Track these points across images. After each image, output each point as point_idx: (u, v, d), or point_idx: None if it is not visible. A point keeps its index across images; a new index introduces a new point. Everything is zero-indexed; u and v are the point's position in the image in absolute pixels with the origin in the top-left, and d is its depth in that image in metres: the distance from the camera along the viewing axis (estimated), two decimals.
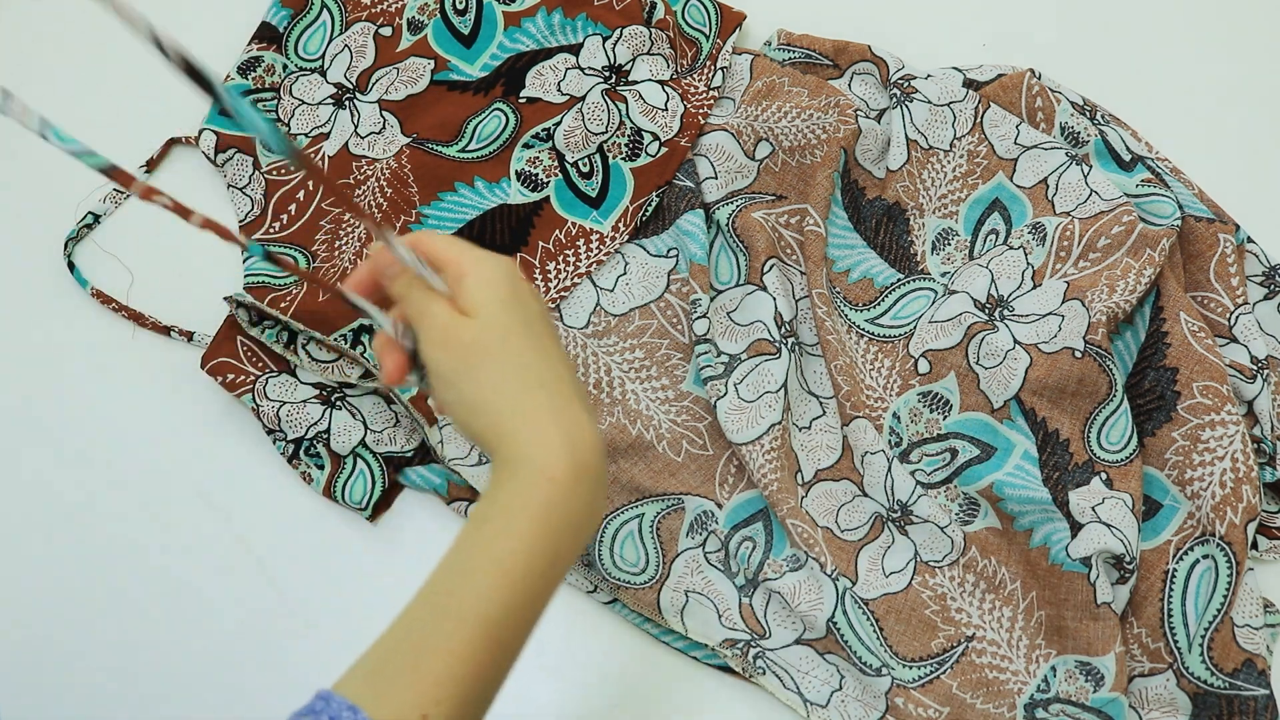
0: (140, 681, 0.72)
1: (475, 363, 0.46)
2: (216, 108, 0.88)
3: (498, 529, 0.45)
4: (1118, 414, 0.77)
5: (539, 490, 0.45)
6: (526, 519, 0.44)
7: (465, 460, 0.77)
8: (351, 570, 0.76)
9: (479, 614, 0.44)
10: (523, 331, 0.47)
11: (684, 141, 0.86)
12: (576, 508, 0.45)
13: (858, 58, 0.90)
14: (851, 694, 0.73)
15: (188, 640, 0.73)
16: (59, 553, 0.75)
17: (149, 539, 0.76)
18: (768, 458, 0.76)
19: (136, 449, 0.79)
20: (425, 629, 0.45)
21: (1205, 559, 0.74)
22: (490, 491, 0.46)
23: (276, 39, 0.91)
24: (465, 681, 0.43)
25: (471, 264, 0.47)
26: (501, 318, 0.46)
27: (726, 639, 0.74)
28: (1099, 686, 0.72)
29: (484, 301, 0.46)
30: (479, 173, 0.85)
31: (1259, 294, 0.84)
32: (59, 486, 0.77)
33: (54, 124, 0.43)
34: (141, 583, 0.75)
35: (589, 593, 0.76)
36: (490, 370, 0.46)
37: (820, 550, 0.75)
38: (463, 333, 0.46)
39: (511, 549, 0.44)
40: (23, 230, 0.85)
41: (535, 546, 0.44)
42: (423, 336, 0.47)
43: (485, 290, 0.47)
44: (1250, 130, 0.93)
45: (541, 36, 0.90)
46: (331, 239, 0.83)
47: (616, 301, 0.83)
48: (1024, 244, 0.83)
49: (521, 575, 0.44)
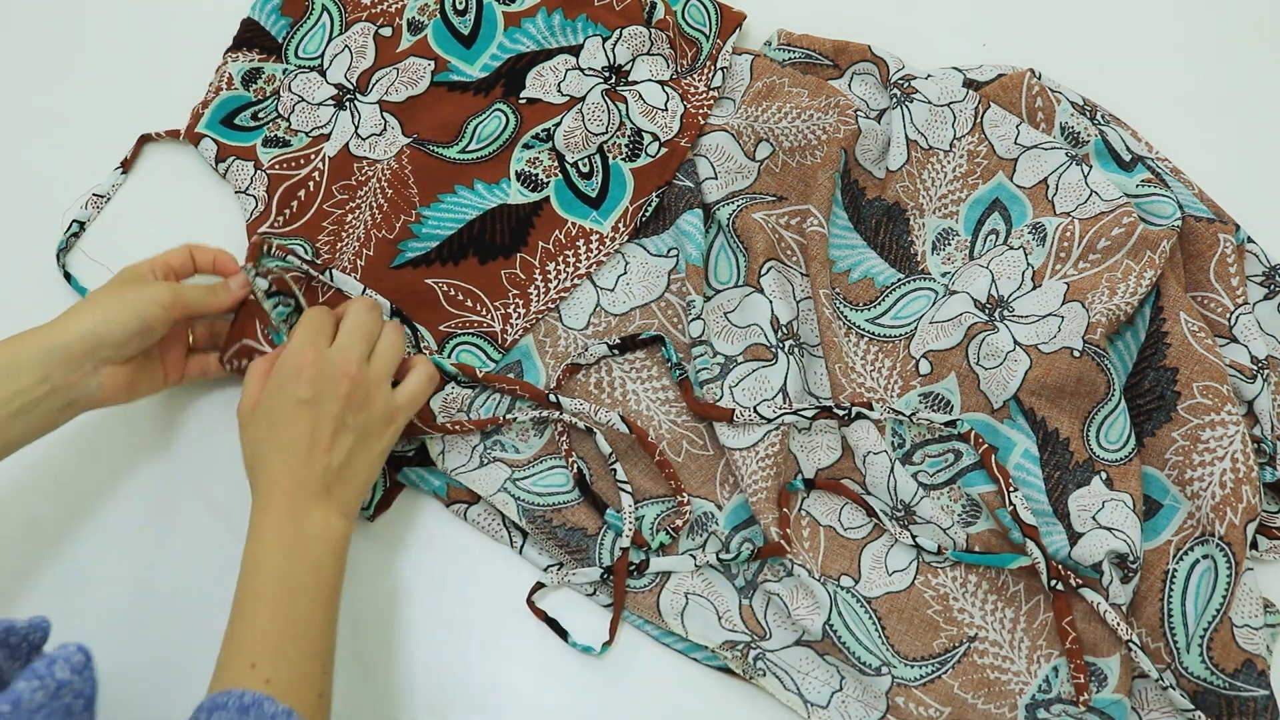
0: (140, 682, 0.72)
1: (245, 420, 0.70)
2: (218, 115, 0.88)
3: (251, 537, 0.65)
4: (1116, 413, 0.77)
5: (259, 512, 0.66)
6: (264, 526, 0.65)
7: (466, 467, 0.77)
8: (351, 571, 0.76)
9: (258, 574, 0.63)
10: (267, 415, 0.68)
11: (684, 142, 0.86)
12: (289, 513, 0.66)
13: (858, 58, 0.90)
14: (852, 694, 0.73)
15: (187, 641, 0.73)
16: (58, 553, 0.75)
17: (149, 539, 0.76)
18: (761, 464, 0.76)
19: (136, 449, 0.79)
20: (234, 616, 0.62)
21: (1205, 559, 0.74)
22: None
23: (276, 49, 0.90)
24: (273, 631, 0.61)
25: (282, 353, 0.71)
26: (268, 399, 0.69)
27: (727, 641, 0.74)
28: (1101, 688, 0.72)
29: (267, 384, 0.70)
30: (478, 175, 0.85)
31: (1259, 294, 0.84)
32: (59, 487, 0.77)
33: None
34: (141, 583, 0.75)
35: (589, 595, 0.76)
36: (249, 429, 0.69)
37: (805, 558, 0.75)
38: (249, 395, 0.70)
39: (261, 541, 0.65)
40: (14, 243, 0.85)
41: (277, 536, 0.65)
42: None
43: (273, 373, 0.70)
44: (1250, 130, 0.93)
45: (542, 37, 0.90)
46: (334, 240, 0.83)
47: (617, 301, 0.83)
48: (1024, 244, 0.83)
49: (279, 551, 0.64)
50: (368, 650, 0.74)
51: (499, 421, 0.77)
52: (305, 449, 0.67)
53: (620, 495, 0.76)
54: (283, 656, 0.60)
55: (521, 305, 0.82)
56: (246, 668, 0.59)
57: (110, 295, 0.69)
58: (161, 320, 0.70)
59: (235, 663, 0.60)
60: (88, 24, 0.95)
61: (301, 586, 0.63)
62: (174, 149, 0.89)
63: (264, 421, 0.68)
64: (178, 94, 0.90)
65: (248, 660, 0.59)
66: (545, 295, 0.82)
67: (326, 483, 0.67)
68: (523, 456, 0.78)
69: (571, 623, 0.75)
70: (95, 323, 0.68)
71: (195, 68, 0.91)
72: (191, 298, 0.72)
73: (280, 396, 0.68)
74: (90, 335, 0.67)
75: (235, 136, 0.88)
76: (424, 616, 0.75)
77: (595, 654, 0.74)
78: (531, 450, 0.78)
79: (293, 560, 0.64)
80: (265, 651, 0.60)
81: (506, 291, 0.82)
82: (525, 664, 0.74)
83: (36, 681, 0.46)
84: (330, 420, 0.68)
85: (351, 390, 0.69)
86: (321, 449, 0.67)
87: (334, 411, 0.68)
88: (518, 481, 0.77)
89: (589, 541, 0.76)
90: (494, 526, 0.77)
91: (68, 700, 0.47)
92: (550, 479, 0.77)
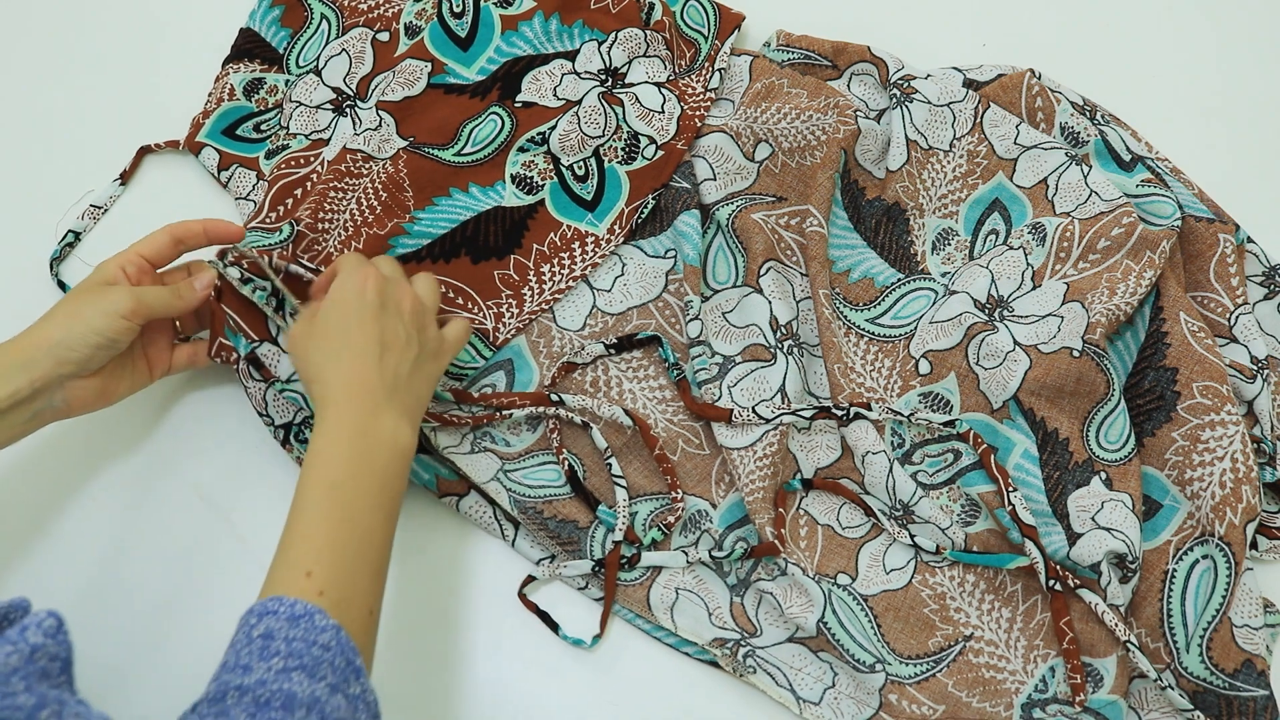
0: (140, 682, 0.72)
1: (302, 344, 0.68)
2: (220, 125, 0.89)
3: (315, 443, 0.64)
4: (1116, 413, 0.76)
5: (328, 416, 0.65)
6: (331, 429, 0.64)
7: (459, 449, 0.77)
8: None
9: (321, 482, 0.62)
10: (335, 325, 0.68)
11: (680, 145, 0.86)
12: (359, 415, 0.65)
13: (857, 58, 0.90)
14: (845, 691, 0.73)
15: (187, 641, 0.73)
16: (58, 553, 0.76)
17: (148, 539, 0.76)
18: (759, 464, 0.76)
19: (136, 449, 0.79)
20: (292, 521, 0.61)
21: (1205, 559, 0.73)
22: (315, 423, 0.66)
23: (277, 59, 0.91)
24: (331, 541, 0.60)
25: (336, 280, 0.70)
26: (328, 315, 0.68)
27: (716, 638, 0.74)
28: (1097, 688, 0.72)
29: (323, 305, 0.69)
30: (473, 178, 0.85)
31: (1259, 294, 0.84)
32: (58, 488, 0.78)
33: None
34: (140, 583, 0.75)
35: (580, 589, 0.76)
36: (309, 348, 0.68)
37: (800, 557, 0.75)
38: (302, 324, 0.69)
39: (328, 443, 0.63)
40: (8, 249, 0.86)
41: (342, 441, 0.64)
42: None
43: (327, 298, 0.69)
44: (1250, 130, 0.93)
45: (538, 42, 0.90)
46: (315, 210, 0.81)
47: (614, 301, 0.83)
48: (1024, 244, 0.83)
49: (344, 456, 0.63)
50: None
51: (493, 418, 0.77)
52: (378, 350, 0.66)
53: (615, 490, 0.76)
54: (339, 567, 0.59)
55: (515, 305, 0.82)
56: (302, 575, 0.58)
57: (69, 311, 0.68)
58: (124, 330, 0.68)
59: (290, 568, 0.59)
60: (81, 34, 0.95)
61: (366, 494, 0.62)
62: (172, 160, 0.90)
63: (331, 329, 0.67)
64: (171, 101, 0.90)
65: (304, 567, 0.58)
66: (539, 296, 0.83)
67: (397, 387, 0.67)
68: (514, 450, 0.78)
69: (562, 615, 0.75)
70: (55, 342, 0.66)
71: (189, 76, 0.91)
72: (154, 301, 0.70)
73: (345, 308, 0.67)
74: (51, 355, 0.66)
75: (237, 147, 0.88)
76: (414, 608, 0.75)
77: (586, 646, 0.74)
78: (523, 444, 0.79)
79: (357, 465, 0.63)
80: (322, 560, 0.59)
81: (499, 291, 0.82)
82: (516, 656, 0.74)
83: (10, 647, 0.46)
84: (399, 328, 0.68)
85: (414, 308, 0.70)
86: (395, 352, 0.67)
87: (401, 323, 0.68)
88: (509, 473, 0.77)
89: (580, 534, 0.76)
90: (485, 519, 0.77)
91: (43, 664, 0.47)
92: (541, 473, 0.78)
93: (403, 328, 0.68)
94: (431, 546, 0.77)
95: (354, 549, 0.60)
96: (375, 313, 0.67)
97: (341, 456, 0.62)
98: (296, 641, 0.54)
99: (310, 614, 0.56)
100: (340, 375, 0.65)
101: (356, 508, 0.61)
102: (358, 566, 0.60)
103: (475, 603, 0.76)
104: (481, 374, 0.80)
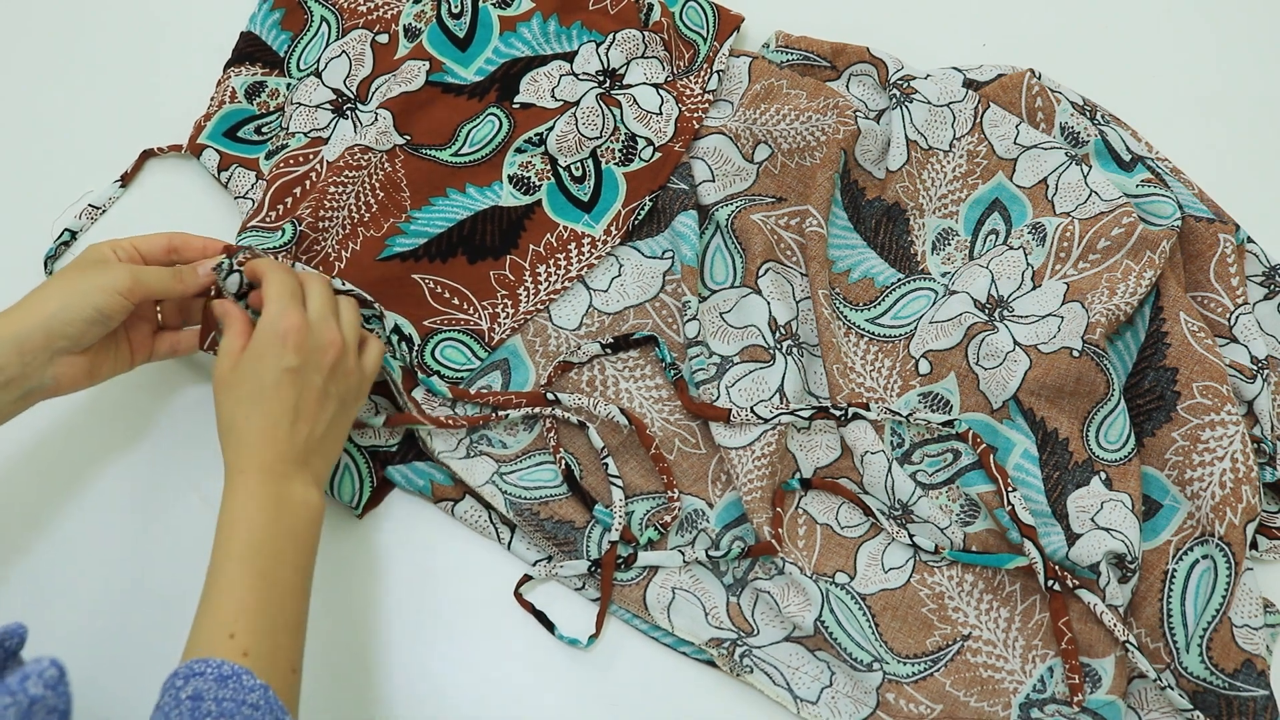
0: (139, 682, 0.72)
1: (222, 387, 0.67)
2: (221, 128, 0.89)
3: (228, 508, 0.64)
4: (1116, 413, 0.76)
5: (238, 485, 0.65)
6: (241, 498, 0.64)
7: (454, 454, 0.77)
8: (345, 570, 0.76)
9: (238, 546, 0.62)
10: (250, 382, 0.67)
11: (678, 146, 0.86)
12: (268, 483, 0.65)
13: (856, 59, 0.90)
14: (842, 690, 0.73)
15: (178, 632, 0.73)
16: (57, 554, 0.76)
17: (148, 539, 0.77)
18: (757, 463, 0.76)
19: (136, 449, 0.79)
20: (210, 584, 0.62)
21: (1205, 559, 0.73)
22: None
23: (278, 63, 0.91)
24: (252, 602, 0.60)
25: (260, 321, 0.68)
26: (246, 368, 0.67)
27: (713, 638, 0.74)
28: (1095, 688, 0.72)
29: (245, 354, 0.68)
30: (470, 179, 0.86)
31: (1259, 294, 0.84)
32: (59, 488, 0.78)
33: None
34: (140, 583, 0.75)
35: (578, 590, 0.76)
36: (225, 396, 0.67)
37: (797, 557, 0.75)
38: (224, 366, 0.68)
39: (241, 510, 0.64)
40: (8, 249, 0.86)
41: (253, 509, 0.64)
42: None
43: (250, 345, 0.68)
44: (1250, 130, 0.92)
45: (536, 44, 0.91)
46: (316, 207, 0.82)
47: (610, 301, 0.83)
48: (1024, 244, 0.83)
49: (259, 523, 0.63)
50: (354, 645, 0.74)
51: (489, 419, 0.77)
52: (290, 418, 0.66)
53: (611, 490, 0.76)
54: (261, 628, 0.60)
55: (510, 305, 0.82)
56: (225, 637, 0.59)
57: (66, 285, 0.67)
58: (120, 308, 0.68)
59: (212, 631, 0.59)
60: (81, 35, 0.95)
61: (281, 556, 0.63)
62: (172, 163, 0.90)
63: (246, 388, 0.66)
64: (171, 102, 0.90)
65: (225, 630, 0.59)
66: (535, 296, 0.83)
67: (307, 452, 0.67)
68: (510, 451, 0.78)
69: (559, 615, 0.75)
70: (49, 315, 0.66)
71: (189, 77, 0.91)
72: (153, 282, 0.69)
73: (264, 363, 0.66)
74: (45, 328, 0.66)
75: (238, 148, 0.88)
76: (411, 611, 0.75)
77: (582, 646, 0.74)
78: (520, 445, 0.79)
79: (273, 529, 0.63)
80: (244, 622, 0.59)
81: (495, 292, 0.83)
82: (512, 656, 0.74)
83: (9, 698, 0.46)
84: (315, 390, 0.67)
85: (337, 359, 0.69)
86: (306, 418, 0.67)
87: (319, 381, 0.67)
88: (505, 475, 0.77)
89: (577, 534, 0.76)
90: (481, 522, 0.77)
91: (41, 716, 0.47)
92: (538, 474, 0.78)
93: (320, 384, 0.68)
94: (427, 549, 0.77)
95: (275, 608, 0.61)
96: (292, 377, 0.66)
97: (256, 523, 0.63)
98: (226, 701, 0.55)
99: (238, 674, 0.56)
100: (252, 439, 0.65)
101: (274, 568, 0.62)
102: (280, 625, 0.61)
103: (471, 602, 0.76)
104: (477, 374, 0.80)
